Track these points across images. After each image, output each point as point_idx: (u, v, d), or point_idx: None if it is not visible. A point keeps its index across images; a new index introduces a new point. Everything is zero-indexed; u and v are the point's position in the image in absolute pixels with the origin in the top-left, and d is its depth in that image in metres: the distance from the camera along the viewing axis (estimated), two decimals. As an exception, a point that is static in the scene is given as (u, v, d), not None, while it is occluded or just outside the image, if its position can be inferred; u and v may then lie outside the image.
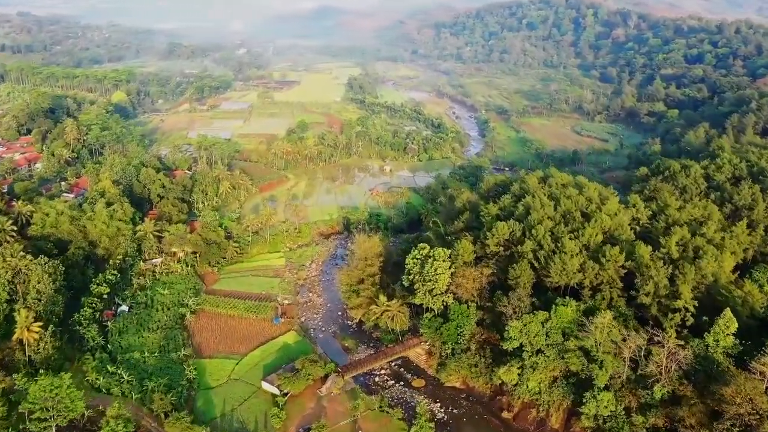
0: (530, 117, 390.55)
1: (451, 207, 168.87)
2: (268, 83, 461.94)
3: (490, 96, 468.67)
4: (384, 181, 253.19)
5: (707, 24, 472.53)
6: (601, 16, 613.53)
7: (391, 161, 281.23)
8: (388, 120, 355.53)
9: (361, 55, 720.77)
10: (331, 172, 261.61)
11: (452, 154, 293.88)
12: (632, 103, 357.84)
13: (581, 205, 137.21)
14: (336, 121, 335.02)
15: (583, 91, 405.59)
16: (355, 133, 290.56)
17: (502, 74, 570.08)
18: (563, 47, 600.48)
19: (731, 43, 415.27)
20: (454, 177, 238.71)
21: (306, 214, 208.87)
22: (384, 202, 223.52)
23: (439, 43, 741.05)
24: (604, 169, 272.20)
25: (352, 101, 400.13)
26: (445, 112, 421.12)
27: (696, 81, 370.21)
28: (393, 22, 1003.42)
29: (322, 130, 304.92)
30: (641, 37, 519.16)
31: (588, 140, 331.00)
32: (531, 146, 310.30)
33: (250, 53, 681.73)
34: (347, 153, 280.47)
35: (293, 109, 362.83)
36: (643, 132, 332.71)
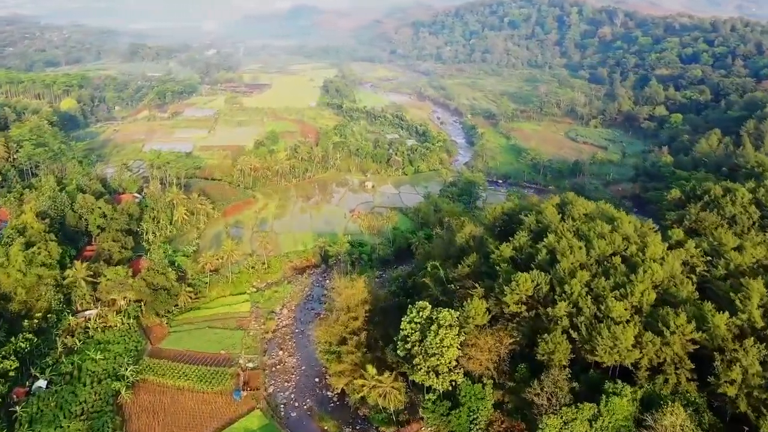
0: (520, 122, 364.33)
1: (449, 242, 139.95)
2: (237, 87, 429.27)
3: (475, 98, 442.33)
4: (366, 199, 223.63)
5: (701, 21, 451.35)
6: (586, 14, 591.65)
7: (373, 175, 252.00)
8: (368, 127, 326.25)
9: (337, 56, 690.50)
10: (305, 189, 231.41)
11: (440, 166, 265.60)
12: (629, 106, 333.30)
13: (618, 246, 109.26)
14: (311, 130, 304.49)
15: (574, 93, 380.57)
16: (332, 144, 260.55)
17: (485, 75, 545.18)
18: (548, 46, 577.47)
19: (728, 41, 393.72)
20: (446, 195, 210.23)
21: (276, 245, 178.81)
22: (367, 226, 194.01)
23: (418, 43, 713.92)
24: (608, 182, 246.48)
25: (328, 106, 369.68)
26: (428, 117, 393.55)
27: (695, 82, 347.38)
28: (370, 22, 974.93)
29: (295, 141, 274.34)
30: (630, 36, 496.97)
31: (585, 147, 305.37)
32: (525, 155, 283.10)
33: (220, 54, 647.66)
34: (324, 167, 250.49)
35: (263, 117, 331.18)
36: (644, 138, 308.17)
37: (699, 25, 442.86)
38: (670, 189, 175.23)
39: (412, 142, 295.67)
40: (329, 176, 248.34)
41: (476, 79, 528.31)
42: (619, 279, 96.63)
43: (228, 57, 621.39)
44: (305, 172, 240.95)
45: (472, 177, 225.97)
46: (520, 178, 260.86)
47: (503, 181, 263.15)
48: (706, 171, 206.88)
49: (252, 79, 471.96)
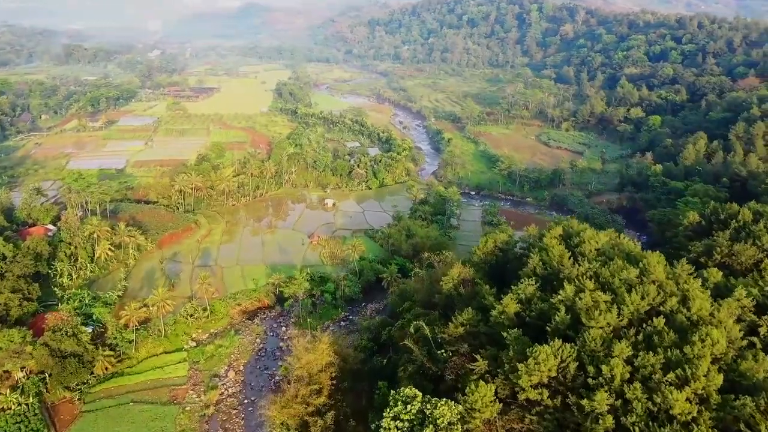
0: (487, 125, 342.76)
1: (432, 285, 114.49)
2: (182, 91, 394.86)
3: (437, 100, 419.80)
4: (326, 220, 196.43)
5: (666, 18, 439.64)
6: (546, 11, 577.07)
7: (334, 190, 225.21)
8: (326, 134, 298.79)
9: (291, 57, 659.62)
10: (256, 210, 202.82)
11: (407, 178, 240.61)
12: (602, 108, 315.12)
13: (654, 298, 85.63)
14: (262, 139, 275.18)
15: (543, 94, 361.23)
16: (287, 156, 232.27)
17: (446, 75, 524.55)
18: (509, 45, 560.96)
19: (697, 38, 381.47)
20: (418, 215, 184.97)
21: (222, 283, 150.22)
22: (329, 254, 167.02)
23: (375, 42, 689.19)
24: (590, 192, 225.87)
25: (281, 112, 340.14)
26: (389, 121, 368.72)
27: (667, 81, 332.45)
28: (324, 20, 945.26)
29: (245, 152, 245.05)
30: (593, 34, 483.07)
31: (559, 152, 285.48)
32: (497, 163, 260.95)
33: (164, 56, 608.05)
34: (277, 182, 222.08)
35: (209, 124, 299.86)
36: (620, 141, 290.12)
37: (664, 22, 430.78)
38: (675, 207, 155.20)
39: (375, 151, 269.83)
40: (284, 193, 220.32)
41: (437, 79, 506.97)
42: (672, 354, 72.55)
43: (173, 58, 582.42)
44: (256, 189, 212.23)
45: (445, 192, 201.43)
46: (495, 188, 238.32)
47: (476, 192, 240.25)
48: (702, 182, 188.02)
49: (198, 83, 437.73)
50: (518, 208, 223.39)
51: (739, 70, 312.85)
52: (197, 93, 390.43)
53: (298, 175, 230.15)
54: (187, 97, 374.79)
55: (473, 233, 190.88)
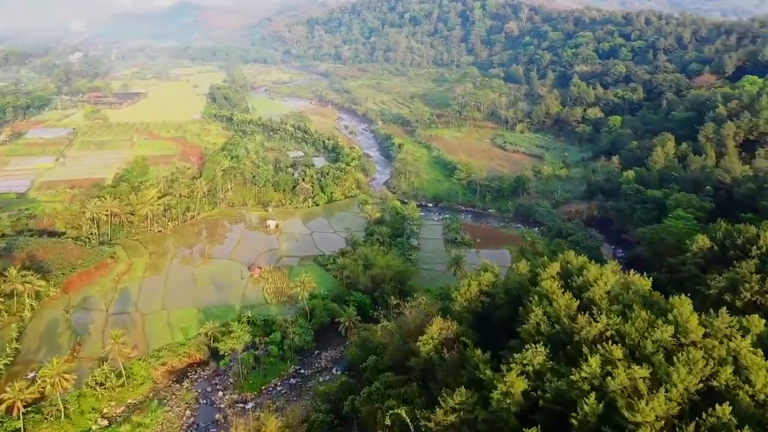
0: (438, 128, 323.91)
1: (405, 343, 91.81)
2: (104, 97, 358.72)
3: (383, 102, 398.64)
4: (269, 245, 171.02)
5: (612, 15, 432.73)
6: (489, 8, 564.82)
7: (277, 208, 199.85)
8: (266, 143, 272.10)
9: (226, 58, 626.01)
10: (187, 237, 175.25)
11: (358, 191, 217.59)
12: (558, 108, 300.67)
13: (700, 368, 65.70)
14: (194, 151, 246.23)
15: (494, 94, 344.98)
16: (221, 170, 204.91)
17: (390, 75, 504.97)
18: (453, 43, 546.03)
19: (645, 35, 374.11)
20: (374, 238, 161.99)
21: (142, 337, 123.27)
22: (273, 290, 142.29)
23: (314, 42, 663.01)
24: (557, 201, 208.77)
25: (215, 118, 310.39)
26: (334, 125, 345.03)
27: (620, 79, 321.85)
28: (260, 20, 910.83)
29: (174, 167, 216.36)
30: (539, 31, 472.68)
31: (516, 157, 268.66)
32: (454, 171, 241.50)
33: (87, 58, 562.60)
34: (211, 201, 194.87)
35: (133, 135, 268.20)
36: (579, 144, 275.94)
37: (611, 18, 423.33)
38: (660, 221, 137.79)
39: (320, 161, 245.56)
40: (219, 214, 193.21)
41: (381, 79, 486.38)
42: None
43: (96, 61, 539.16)
44: (186, 211, 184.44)
45: (403, 210, 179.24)
46: (454, 200, 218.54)
47: (434, 204, 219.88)
48: (679, 189, 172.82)
49: (123, 87, 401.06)
50: (481, 221, 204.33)
51: (693, 66, 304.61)
52: (121, 99, 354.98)
53: (236, 192, 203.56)
54: (110, 103, 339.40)
55: (436, 254, 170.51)
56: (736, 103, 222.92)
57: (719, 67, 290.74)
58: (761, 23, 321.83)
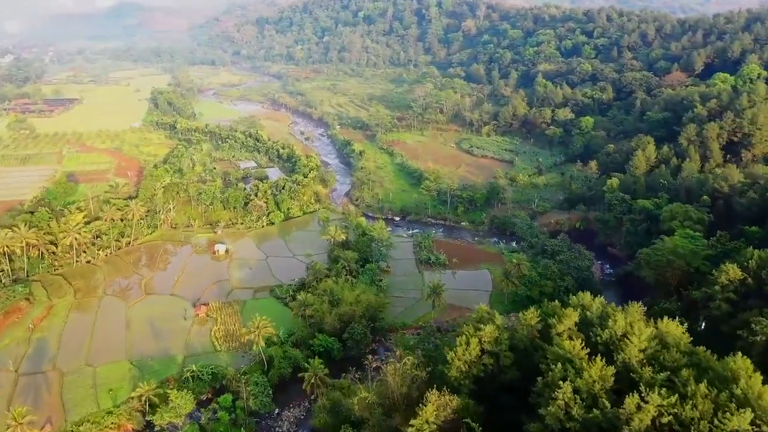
0: (399, 132, 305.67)
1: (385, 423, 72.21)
2: (32, 104, 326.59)
3: (340, 105, 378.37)
4: (218, 276, 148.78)
5: (573, 12, 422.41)
6: (446, 6, 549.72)
7: (227, 229, 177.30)
8: (214, 153, 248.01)
9: (171, 59, 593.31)
10: (121, 268, 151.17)
11: (318, 205, 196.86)
12: (525, 110, 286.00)
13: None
14: (132, 164, 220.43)
15: (456, 95, 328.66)
16: (162, 187, 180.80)
17: (346, 76, 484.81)
18: (409, 43, 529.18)
19: (608, 32, 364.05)
20: (341, 266, 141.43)
21: (58, 404, 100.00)
22: (222, 334, 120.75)
23: (265, 42, 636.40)
24: (534, 212, 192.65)
25: (157, 126, 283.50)
26: (288, 131, 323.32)
27: (586, 78, 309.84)
28: (207, 20, 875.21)
29: (108, 184, 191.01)
30: (497, 29, 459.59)
31: (485, 162, 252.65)
32: (420, 180, 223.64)
33: (18, 62, 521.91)
34: (151, 223, 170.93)
35: (63, 147, 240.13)
36: (550, 147, 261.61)
37: (572, 15, 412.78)
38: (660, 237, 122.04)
39: (275, 172, 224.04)
40: (161, 238, 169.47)
41: (336, 81, 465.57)
42: None
43: (28, 65, 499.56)
44: (121, 237, 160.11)
45: (371, 230, 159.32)
46: (423, 212, 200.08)
47: (401, 218, 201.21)
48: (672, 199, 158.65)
49: (55, 93, 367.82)
50: (454, 236, 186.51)
51: (661, 64, 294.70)
52: (52, 106, 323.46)
53: (179, 211, 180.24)
54: (39, 111, 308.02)
55: (409, 277, 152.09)
56: (715, 102, 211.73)
57: (688, 65, 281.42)
58: (726, 19, 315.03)
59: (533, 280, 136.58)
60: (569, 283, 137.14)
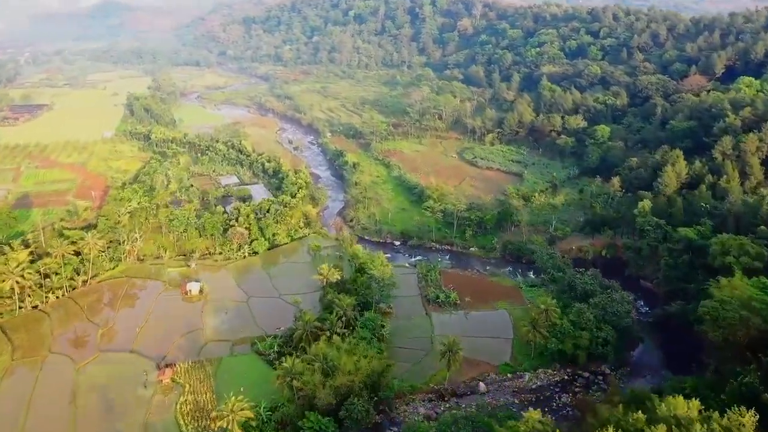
0: (395, 140, 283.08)
1: None
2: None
3: (330, 109, 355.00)
4: (189, 324, 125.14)
5: (576, 10, 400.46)
6: (440, 5, 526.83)
7: (203, 260, 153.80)
8: (193, 167, 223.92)
9: (153, 60, 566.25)
10: (72, 316, 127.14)
11: (308, 230, 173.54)
12: (532, 116, 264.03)
13: None
14: (97, 182, 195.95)
15: (456, 99, 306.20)
16: (128, 213, 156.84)
17: (336, 78, 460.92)
18: (403, 43, 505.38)
19: (615, 32, 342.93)
20: (335, 314, 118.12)
21: None
22: (190, 409, 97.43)
23: (252, 42, 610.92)
24: (553, 237, 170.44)
25: (131, 136, 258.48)
26: (275, 138, 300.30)
27: (595, 82, 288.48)
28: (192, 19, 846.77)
29: (66, 208, 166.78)
30: (496, 29, 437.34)
31: (492, 175, 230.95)
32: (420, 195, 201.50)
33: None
34: (114, 256, 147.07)
35: (23, 162, 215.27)
36: (561, 158, 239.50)
37: (575, 14, 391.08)
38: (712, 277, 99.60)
39: (260, 190, 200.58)
40: (124, 274, 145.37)
41: (326, 83, 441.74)
42: None
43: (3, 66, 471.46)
44: (76, 275, 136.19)
45: (369, 265, 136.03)
46: (426, 236, 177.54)
47: (402, 242, 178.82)
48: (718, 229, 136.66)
49: (24, 98, 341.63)
50: (462, 266, 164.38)
51: (676, 67, 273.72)
52: (18, 113, 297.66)
53: (148, 239, 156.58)
54: (2, 119, 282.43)
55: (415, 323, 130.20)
56: (749, 110, 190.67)
57: (707, 68, 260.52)
58: (745, 18, 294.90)
59: (566, 331, 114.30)
60: (608, 333, 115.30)
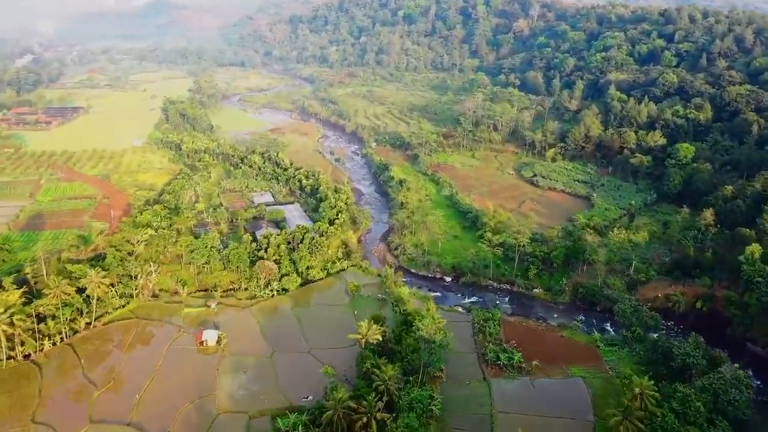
0: (446, 152, 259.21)
1: None
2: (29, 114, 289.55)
3: (376, 116, 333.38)
4: (202, 386, 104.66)
5: (647, 11, 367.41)
6: (494, 5, 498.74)
7: (225, 298, 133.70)
8: (224, 181, 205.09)
9: (198, 60, 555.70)
10: (68, 370, 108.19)
11: (346, 262, 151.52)
12: (600, 130, 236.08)
13: None
14: (119, 200, 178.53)
15: (513, 108, 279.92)
16: (144, 240, 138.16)
17: (383, 81, 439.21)
18: (454, 45, 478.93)
19: (692, 35, 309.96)
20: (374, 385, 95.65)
21: None
22: None
23: (298, 43, 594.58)
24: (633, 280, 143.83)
25: (163, 144, 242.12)
26: (316, 147, 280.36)
27: (671, 92, 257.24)
28: (240, 18, 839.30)
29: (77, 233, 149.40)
30: (554, 31, 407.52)
31: (555, 197, 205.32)
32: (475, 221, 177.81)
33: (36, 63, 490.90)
34: (124, 292, 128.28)
35: (44, 173, 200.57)
36: (633, 179, 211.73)
37: (644, 15, 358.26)
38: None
39: (295, 211, 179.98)
40: (134, 314, 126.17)
41: (373, 86, 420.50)
42: None
43: (45, 67, 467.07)
44: (79, 316, 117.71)
45: (419, 321, 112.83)
46: (481, 272, 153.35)
47: (453, 278, 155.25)
48: None
49: (61, 100, 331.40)
50: (525, 311, 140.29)
51: (767, 76, 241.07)
52: (52, 116, 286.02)
53: (166, 271, 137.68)
54: (35, 123, 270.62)
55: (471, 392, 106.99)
56: None
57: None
58: None
59: (669, 427, 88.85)
60: (724, 430, 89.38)
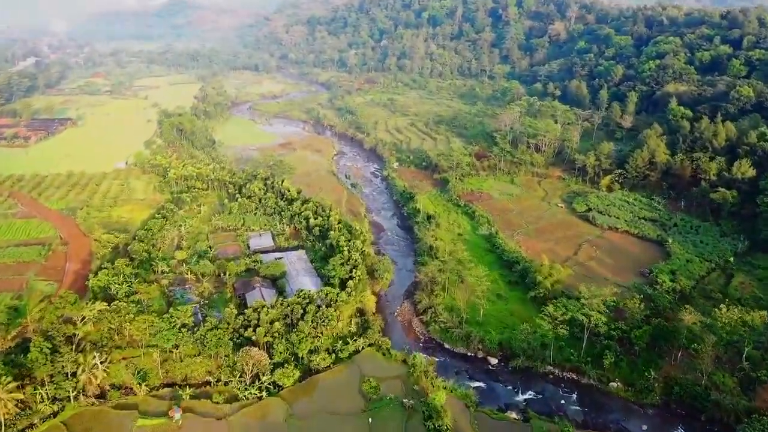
0: (481, 176, 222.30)
1: None
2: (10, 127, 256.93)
3: (398, 129, 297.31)
4: None
5: (707, 14, 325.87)
6: (527, 6, 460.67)
7: (194, 400, 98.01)
8: (216, 217, 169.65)
9: (209, 64, 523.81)
10: None
11: (361, 341, 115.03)
12: (666, 156, 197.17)
13: None
14: (80, 246, 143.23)
15: (557, 126, 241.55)
16: (93, 317, 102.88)
17: (405, 88, 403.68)
18: (483, 49, 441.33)
19: (765, 41, 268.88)
20: None
21: None
22: None
23: (315, 45, 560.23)
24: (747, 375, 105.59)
25: (150, 168, 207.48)
26: (330, 168, 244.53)
27: (747, 108, 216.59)
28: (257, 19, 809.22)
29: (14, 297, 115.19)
30: (596, 35, 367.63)
31: (617, 239, 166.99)
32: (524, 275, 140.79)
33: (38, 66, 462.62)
34: (56, 395, 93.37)
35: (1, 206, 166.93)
36: (712, 216, 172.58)
37: (703, 18, 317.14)
38: None
39: (299, 261, 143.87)
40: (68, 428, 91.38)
41: (394, 94, 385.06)
42: None
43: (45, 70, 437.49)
44: None
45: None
46: (537, 354, 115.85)
47: (500, 360, 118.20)
48: None
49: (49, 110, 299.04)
50: (600, 416, 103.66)
51: None
52: (34, 130, 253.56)
53: (120, 357, 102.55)
54: (12, 138, 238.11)
55: None
56: None
57: None
58: None
59: None
60: None
